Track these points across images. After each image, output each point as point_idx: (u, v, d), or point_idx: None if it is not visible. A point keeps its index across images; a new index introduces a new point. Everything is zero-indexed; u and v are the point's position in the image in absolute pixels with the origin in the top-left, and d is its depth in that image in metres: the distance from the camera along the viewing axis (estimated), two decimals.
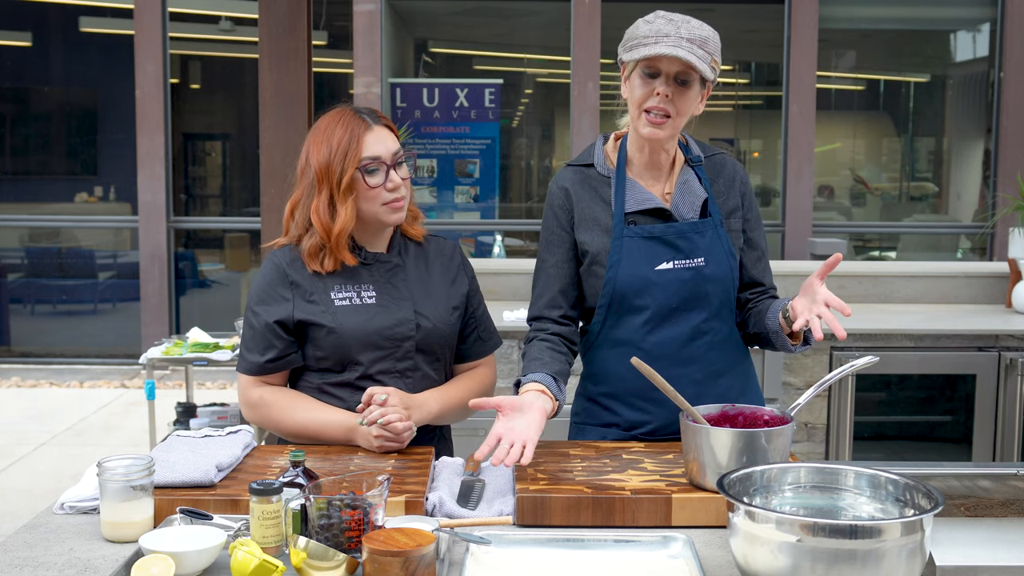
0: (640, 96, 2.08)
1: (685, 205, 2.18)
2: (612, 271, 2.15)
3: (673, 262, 2.15)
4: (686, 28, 2.04)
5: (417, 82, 8.26)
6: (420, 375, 2.21)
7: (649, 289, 2.15)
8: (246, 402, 2.21)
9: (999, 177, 7.77)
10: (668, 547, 1.64)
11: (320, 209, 2.13)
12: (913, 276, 4.69)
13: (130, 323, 8.41)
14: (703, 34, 2.05)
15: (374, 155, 2.13)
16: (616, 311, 2.18)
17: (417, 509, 1.77)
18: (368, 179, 2.13)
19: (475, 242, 8.07)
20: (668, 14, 2.07)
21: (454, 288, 2.28)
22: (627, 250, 2.15)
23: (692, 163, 2.22)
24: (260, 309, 2.17)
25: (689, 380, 2.14)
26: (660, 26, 2.04)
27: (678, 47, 2.01)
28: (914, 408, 4.41)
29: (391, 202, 2.16)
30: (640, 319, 2.16)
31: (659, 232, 2.15)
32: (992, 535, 1.61)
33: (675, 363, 2.15)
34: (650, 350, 2.15)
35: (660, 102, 2.06)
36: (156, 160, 7.97)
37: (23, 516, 4.44)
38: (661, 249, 2.15)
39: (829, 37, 8.27)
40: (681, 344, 2.17)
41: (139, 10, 7.95)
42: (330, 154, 2.13)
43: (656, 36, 2.03)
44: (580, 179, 2.23)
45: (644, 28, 2.07)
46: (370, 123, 2.16)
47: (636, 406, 2.20)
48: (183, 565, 1.53)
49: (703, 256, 2.16)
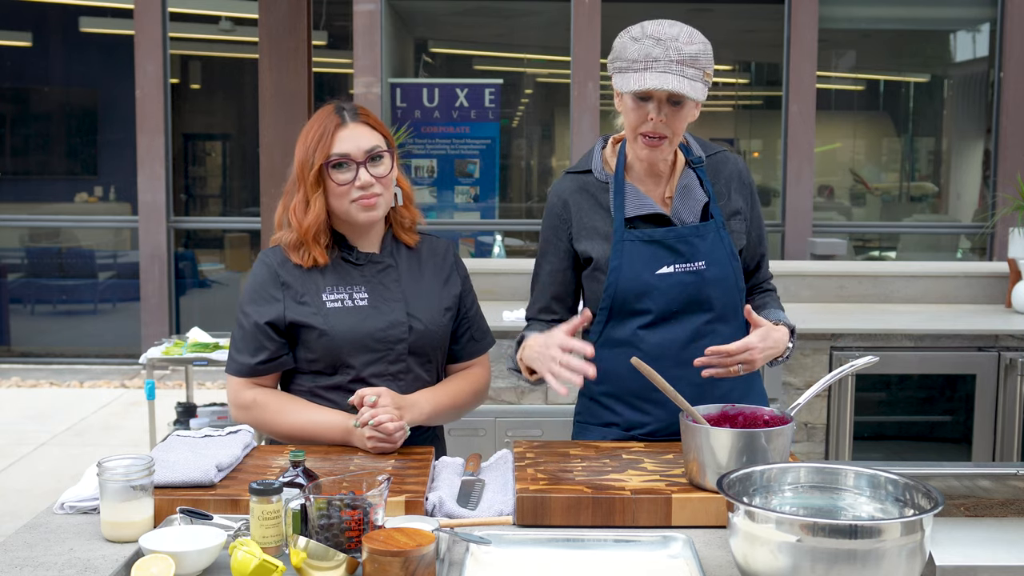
0: (634, 120, 2.07)
1: (685, 209, 2.17)
2: (613, 276, 2.15)
3: (674, 266, 2.14)
4: (675, 48, 1.99)
5: (417, 82, 8.26)
6: (412, 377, 2.20)
7: (650, 293, 2.15)
8: (237, 404, 2.18)
9: (999, 177, 7.77)
10: (668, 547, 1.64)
11: (296, 205, 2.15)
12: (913, 276, 4.69)
13: (130, 323, 8.41)
14: (692, 51, 2.00)
15: (343, 152, 2.12)
16: (617, 314, 2.18)
17: (417, 509, 1.77)
18: (335, 175, 2.12)
19: (475, 242, 8.07)
20: (657, 29, 2.02)
21: (446, 289, 2.27)
22: (627, 255, 2.14)
23: (693, 164, 2.21)
24: (251, 309, 2.16)
25: (689, 382, 2.13)
26: (648, 49, 2.00)
27: (667, 73, 1.98)
28: (914, 408, 4.41)
29: (359, 199, 2.13)
30: (641, 321, 2.17)
31: (659, 236, 2.15)
32: (992, 535, 1.61)
33: (675, 364, 2.14)
34: (650, 351, 2.14)
35: (654, 127, 2.05)
36: (156, 160, 7.97)
37: (23, 516, 4.44)
38: (662, 253, 2.15)
39: (829, 37, 8.27)
40: (681, 346, 2.16)
41: (139, 10, 7.95)
42: (306, 150, 2.14)
43: (646, 61, 1.99)
44: (578, 187, 2.22)
45: (633, 50, 2.02)
46: (345, 120, 2.14)
47: (636, 406, 2.20)
48: (183, 565, 1.52)
49: (704, 259, 2.16)
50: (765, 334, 2.04)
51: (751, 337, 2.03)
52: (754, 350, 2.01)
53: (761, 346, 2.02)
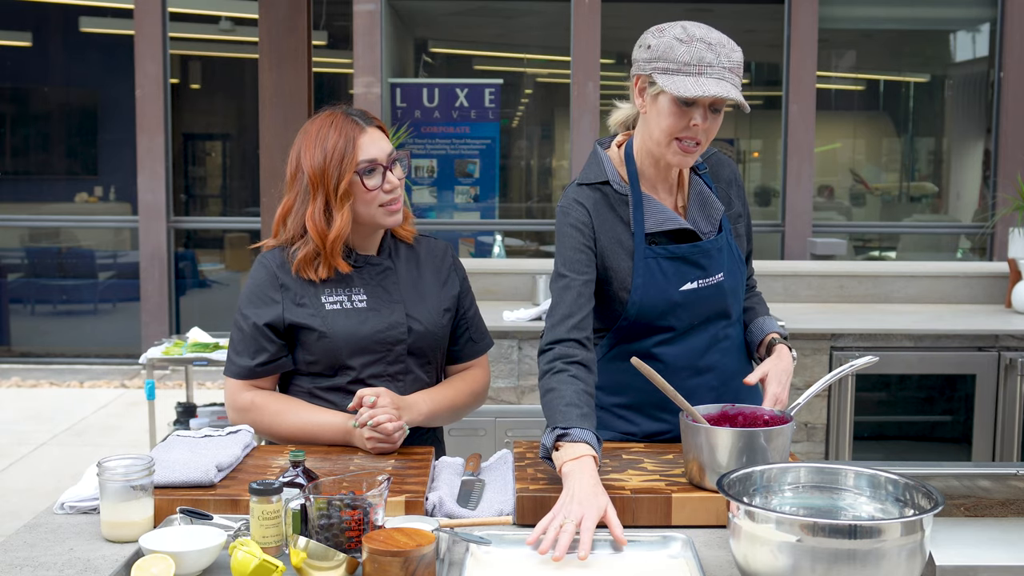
0: (672, 125, 1.96)
1: (704, 220, 2.12)
2: (637, 294, 2.06)
3: (697, 282, 2.09)
4: (725, 55, 1.91)
5: (417, 82, 8.26)
6: (412, 378, 2.20)
7: (675, 311, 2.09)
8: (235, 406, 2.17)
9: (999, 177, 7.77)
10: (668, 547, 1.64)
11: (315, 215, 2.10)
12: (913, 276, 4.69)
13: (130, 323, 8.40)
14: (738, 59, 1.93)
15: (370, 158, 2.11)
16: (636, 330, 2.11)
17: (417, 509, 1.77)
18: (366, 181, 2.11)
19: (475, 242, 8.07)
20: (705, 34, 1.93)
21: (445, 290, 2.27)
22: (651, 272, 2.07)
23: (698, 171, 2.17)
24: (250, 311, 2.15)
25: (707, 388, 2.12)
26: (701, 53, 1.90)
27: (723, 80, 1.90)
28: (914, 408, 4.41)
29: (387, 203, 2.14)
30: (661, 338, 2.11)
31: (684, 252, 2.08)
32: (992, 535, 1.61)
33: (694, 373, 2.12)
34: (671, 363, 2.10)
35: (695, 132, 1.96)
36: (156, 160, 7.97)
37: (23, 516, 4.44)
38: (686, 269, 2.08)
39: (829, 37, 8.27)
40: (699, 354, 2.13)
41: (139, 10, 7.95)
42: (325, 159, 2.09)
43: (700, 65, 1.90)
44: (598, 198, 2.09)
45: (682, 52, 1.91)
46: (363, 125, 2.13)
47: (657, 417, 2.15)
48: (183, 565, 1.52)
49: (723, 271, 2.11)
50: (778, 377, 2.03)
51: (772, 387, 2.00)
52: (782, 394, 2.00)
53: (783, 388, 2.02)
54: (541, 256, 8.09)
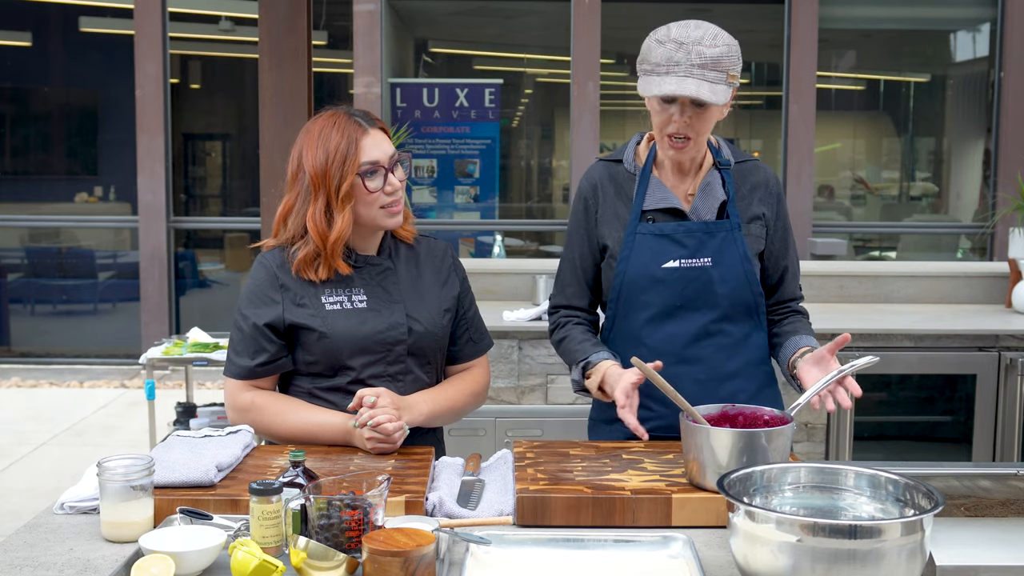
0: (659, 122, 2.11)
1: (704, 207, 2.19)
2: (622, 266, 2.19)
3: (679, 260, 2.16)
4: (697, 52, 2.00)
5: (417, 82, 8.26)
6: (412, 378, 2.19)
7: (655, 286, 2.17)
8: (235, 407, 2.17)
9: (999, 177, 7.77)
10: (668, 547, 1.64)
11: (316, 216, 2.09)
12: (913, 276, 4.68)
13: (130, 323, 8.40)
14: (715, 54, 2.01)
15: (372, 159, 2.11)
16: (624, 306, 2.21)
17: (417, 509, 1.77)
18: (368, 183, 2.11)
19: (475, 242, 8.07)
20: (681, 32, 2.03)
21: (445, 290, 2.27)
22: (637, 246, 2.17)
23: (720, 167, 2.22)
24: (250, 312, 2.15)
25: (692, 379, 2.14)
26: (671, 52, 2.01)
27: (688, 77, 2.00)
28: (914, 408, 4.41)
29: (389, 205, 2.14)
30: (645, 315, 2.19)
31: (669, 230, 2.17)
32: (992, 535, 1.61)
33: (678, 361, 2.16)
34: (654, 346, 2.17)
35: (679, 128, 2.08)
36: (156, 160, 7.97)
37: (23, 516, 4.44)
38: (669, 247, 2.16)
39: (829, 37, 8.27)
40: (684, 343, 2.17)
41: (139, 10, 7.95)
42: (327, 160, 2.08)
43: (667, 64, 2.02)
44: (608, 174, 2.25)
45: (656, 52, 2.04)
46: (366, 127, 2.13)
47: (642, 404, 2.17)
48: (183, 565, 1.52)
49: (710, 256, 2.16)
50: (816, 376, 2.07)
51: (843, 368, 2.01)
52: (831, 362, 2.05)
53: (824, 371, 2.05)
54: (541, 256, 8.09)
